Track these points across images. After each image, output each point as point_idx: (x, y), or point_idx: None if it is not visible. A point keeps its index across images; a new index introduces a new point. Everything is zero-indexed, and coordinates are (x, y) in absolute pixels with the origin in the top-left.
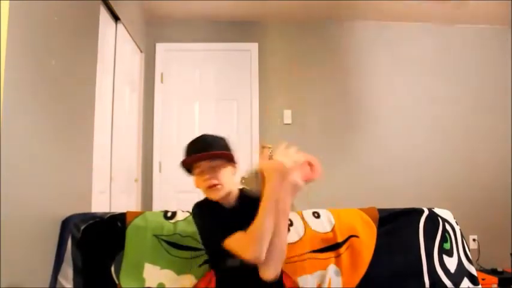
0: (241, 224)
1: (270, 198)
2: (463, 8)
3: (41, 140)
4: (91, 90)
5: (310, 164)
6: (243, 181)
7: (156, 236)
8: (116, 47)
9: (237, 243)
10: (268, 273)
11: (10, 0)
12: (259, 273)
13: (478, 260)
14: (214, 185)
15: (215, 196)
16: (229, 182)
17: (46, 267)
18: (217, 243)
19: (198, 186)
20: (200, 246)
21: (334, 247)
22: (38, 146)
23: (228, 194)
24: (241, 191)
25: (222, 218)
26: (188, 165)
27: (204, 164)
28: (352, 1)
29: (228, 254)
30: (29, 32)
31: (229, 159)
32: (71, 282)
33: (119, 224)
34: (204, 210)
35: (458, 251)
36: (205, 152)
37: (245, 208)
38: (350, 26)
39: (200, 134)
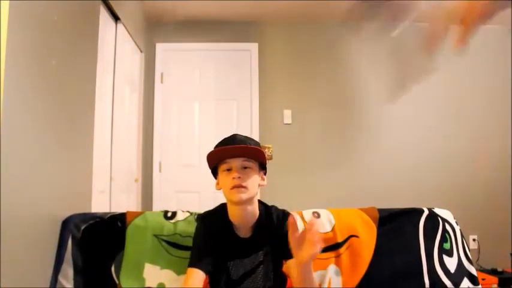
0: (250, 260)
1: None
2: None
3: (41, 140)
4: (91, 90)
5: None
6: None
7: (156, 236)
8: (116, 47)
9: (185, 280)
10: None
11: (10, 0)
12: None
13: (478, 260)
14: (241, 186)
15: (238, 198)
16: (255, 190)
17: (46, 267)
18: (188, 264)
19: (220, 187)
20: None
21: (334, 247)
22: (38, 146)
23: (250, 201)
24: (259, 219)
25: (224, 242)
26: (216, 161)
27: (235, 162)
28: (352, 1)
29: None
30: (29, 32)
31: (262, 163)
32: (71, 282)
33: (119, 224)
34: (209, 225)
35: (458, 251)
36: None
37: (258, 243)
38: (350, 26)
39: (232, 134)
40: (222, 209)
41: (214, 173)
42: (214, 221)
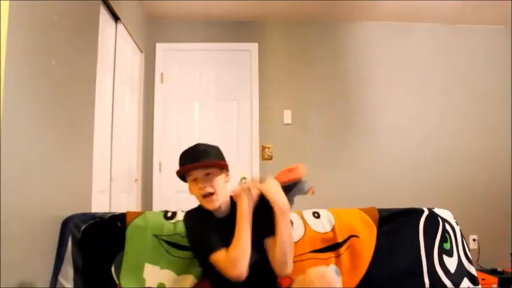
0: (233, 234)
1: (242, 219)
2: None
3: (41, 140)
4: (91, 90)
5: (290, 170)
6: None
7: (156, 236)
8: (116, 47)
9: (221, 263)
10: (286, 270)
11: (10, 0)
12: (277, 273)
13: (478, 260)
14: (210, 194)
15: (211, 206)
16: (223, 190)
17: (46, 267)
18: (208, 254)
19: (192, 193)
20: None
21: (334, 247)
22: (38, 146)
23: (222, 203)
24: (232, 198)
25: (214, 227)
26: (182, 174)
27: (198, 173)
28: (352, 1)
29: None
30: (29, 32)
31: (222, 167)
32: (71, 282)
33: (119, 224)
34: (197, 219)
35: (458, 251)
36: (199, 160)
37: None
38: (350, 26)
39: (194, 144)
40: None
41: (183, 179)
42: (200, 212)
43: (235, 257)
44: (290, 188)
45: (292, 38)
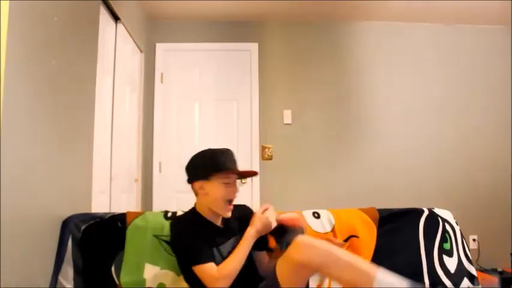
0: (226, 244)
1: (248, 240)
2: None
3: (41, 140)
4: (91, 90)
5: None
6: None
7: (156, 236)
8: (116, 47)
9: (207, 276)
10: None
11: (10, 0)
12: (261, 273)
13: (478, 260)
14: (231, 201)
15: (227, 213)
16: None
17: (46, 267)
18: (196, 263)
19: (213, 194)
20: None
21: None
22: (39, 146)
23: None
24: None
25: (209, 236)
26: (212, 172)
27: (234, 178)
28: (352, 1)
29: None
30: (29, 32)
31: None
32: (72, 282)
33: (119, 224)
34: (192, 225)
35: (458, 251)
36: (237, 166)
37: (231, 228)
38: (350, 26)
39: (225, 148)
40: (194, 211)
41: (197, 178)
42: (193, 221)
43: (229, 273)
44: (286, 231)
45: (292, 38)
